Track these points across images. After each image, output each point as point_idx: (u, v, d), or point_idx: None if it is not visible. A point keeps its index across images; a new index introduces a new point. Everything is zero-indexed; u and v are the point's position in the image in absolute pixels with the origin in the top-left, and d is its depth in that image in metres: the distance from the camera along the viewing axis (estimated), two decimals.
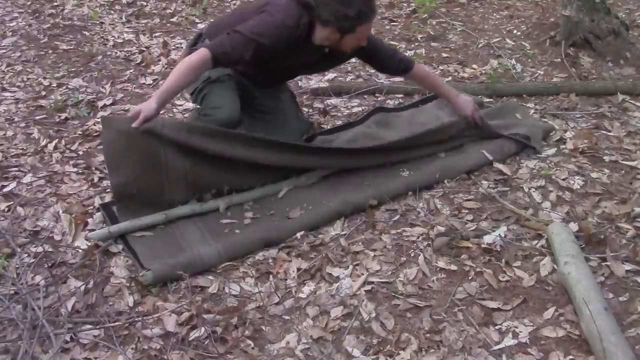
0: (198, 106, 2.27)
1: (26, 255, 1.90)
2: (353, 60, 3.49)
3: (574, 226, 1.99)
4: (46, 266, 1.80)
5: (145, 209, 2.03)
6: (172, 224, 2.03)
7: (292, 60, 2.18)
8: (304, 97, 3.00)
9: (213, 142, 2.03)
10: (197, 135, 2.01)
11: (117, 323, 1.62)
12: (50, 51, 3.63)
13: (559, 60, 3.45)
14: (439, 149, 2.44)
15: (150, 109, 1.91)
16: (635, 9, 4.36)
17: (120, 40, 3.84)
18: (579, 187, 2.26)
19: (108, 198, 2.17)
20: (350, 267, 1.86)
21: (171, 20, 4.24)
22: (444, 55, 3.58)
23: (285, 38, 2.03)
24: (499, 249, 1.93)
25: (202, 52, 1.96)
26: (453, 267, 1.86)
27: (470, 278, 1.82)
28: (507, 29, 4.04)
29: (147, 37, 3.88)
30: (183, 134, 1.99)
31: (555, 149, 2.52)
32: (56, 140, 2.60)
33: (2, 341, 1.56)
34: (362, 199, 2.12)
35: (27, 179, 2.32)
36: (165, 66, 3.38)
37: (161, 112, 2.03)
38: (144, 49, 3.67)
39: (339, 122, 2.73)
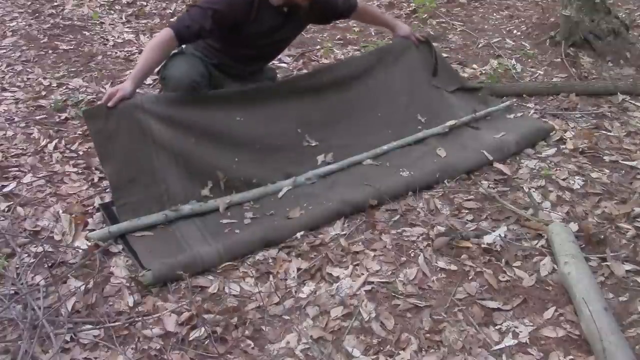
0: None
1: (26, 255, 1.90)
2: None
3: (574, 226, 1.99)
4: (46, 266, 1.80)
5: (144, 205, 2.03)
6: (172, 224, 2.03)
7: (256, 28, 2.22)
8: None
9: (191, 107, 2.19)
10: (175, 105, 2.17)
11: (117, 323, 1.62)
12: (50, 51, 3.63)
13: (559, 60, 3.45)
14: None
15: (125, 89, 2.03)
16: (635, 9, 4.37)
17: (120, 40, 3.84)
18: (579, 187, 2.26)
19: (108, 198, 2.17)
20: (350, 267, 1.86)
21: (171, 20, 4.24)
22: (444, 55, 3.57)
23: (238, 9, 2.15)
24: (499, 249, 1.93)
25: (164, 30, 2.12)
26: (453, 267, 1.86)
27: (470, 278, 1.82)
28: (507, 29, 4.04)
29: (147, 37, 3.88)
30: (162, 105, 2.13)
31: (555, 149, 2.52)
32: (56, 140, 2.60)
33: (2, 341, 1.56)
34: (362, 199, 2.12)
35: (27, 179, 2.32)
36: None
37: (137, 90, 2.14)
38: (144, 49, 3.66)
39: None
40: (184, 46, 2.33)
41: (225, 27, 2.17)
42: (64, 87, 3.14)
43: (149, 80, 3.23)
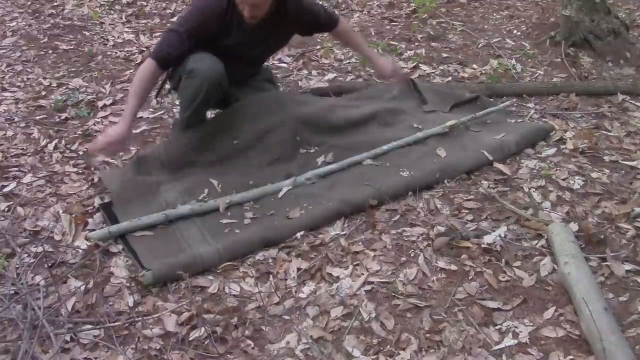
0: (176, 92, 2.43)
1: (26, 255, 1.90)
2: (353, 60, 3.52)
3: (574, 226, 1.99)
4: (46, 266, 1.80)
5: (143, 212, 2.07)
6: (172, 224, 2.04)
7: (232, 40, 2.22)
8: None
9: (190, 138, 2.32)
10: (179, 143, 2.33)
11: (117, 323, 1.62)
12: (50, 51, 3.63)
13: (559, 60, 3.45)
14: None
15: (121, 133, 2.05)
16: (635, 9, 4.37)
17: (120, 40, 3.84)
18: (579, 187, 2.26)
19: (108, 198, 2.17)
20: (350, 267, 1.86)
21: (171, 20, 4.24)
22: (444, 55, 3.58)
23: (213, 15, 2.14)
24: (499, 249, 1.93)
25: (147, 62, 2.14)
26: (453, 267, 1.86)
27: (470, 278, 1.82)
28: (507, 29, 4.04)
29: (147, 37, 3.88)
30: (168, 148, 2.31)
31: (555, 149, 2.52)
32: (56, 140, 2.60)
33: (2, 341, 1.56)
34: (362, 199, 2.12)
35: (27, 179, 2.32)
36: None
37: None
38: (144, 49, 3.67)
39: None
40: None
41: (204, 41, 2.18)
42: (64, 87, 3.14)
43: None
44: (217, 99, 2.34)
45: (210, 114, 2.50)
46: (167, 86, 2.54)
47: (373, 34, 3.99)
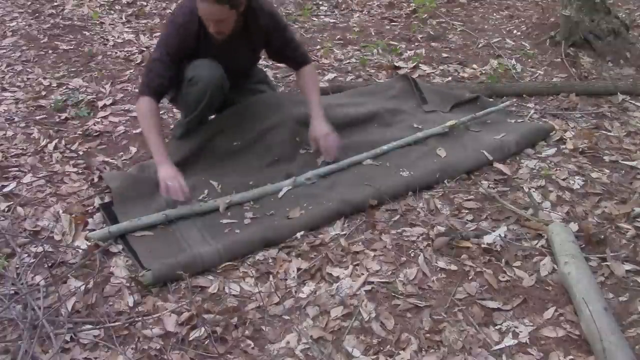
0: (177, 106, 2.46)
1: (26, 255, 1.90)
2: (353, 60, 3.52)
3: (574, 226, 1.99)
4: (46, 266, 1.80)
5: (142, 207, 2.09)
6: (172, 224, 2.04)
7: (210, 52, 2.20)
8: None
9: (193, 142, 2.35)
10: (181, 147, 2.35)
11: (117, 323, 1.62)
12: (50, 51, 3.63)
13: (559, 60, 3.46)
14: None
15: (172, 172, 2.03)
16: (635, 9, 4.37)
17: (120, 40, 3.84)
18: (579, 187, 2.26)
19: (108, 198, 2.17)
20: (350, 267, 1.86)
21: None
22: (444, 55, 3.58)
23: (190, 33, 2.12)
24: (499, 249, 1.93)
25: (141, 100, 2.12)
26: (453, 267, 1.86)
27: (470, 278, 1.82)
28: (507, 29, 4.04)
29: (147, 37, 3.88)
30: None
31: (555, 149, 2.52)
32: (56, 140, 2.60)
33: (2, 341, 1.56)
34: (362, 199, 2.12)
35: (27, 179, 2.32)
36: None
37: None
38: (144, 49, 3.67)
39: None
40: None
41: (186, 57, 2.18)
42: (64, 87, 3.15)
43: None
44: (220, 101, 2.35)
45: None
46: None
47: (373, 34, 3.99)
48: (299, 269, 1.85)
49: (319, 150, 2.27)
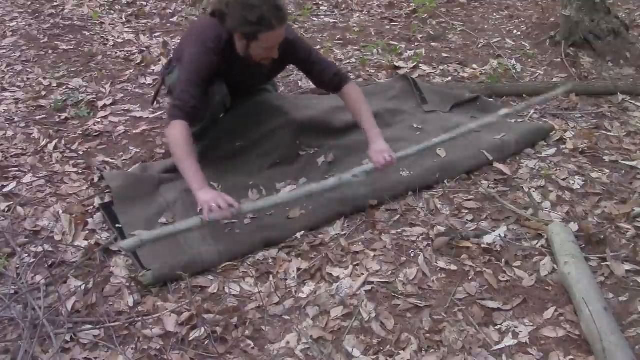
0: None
1: (26, 255, 1.90)
2: (353, 60, 3.52)
3: (574, 226, 1.99)
4: (46, 266, 1.80)
5: (142, 207, 2.10)
6: (172, 224, 2.03)
7: (237, 70, 2.16)
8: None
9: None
10: None
11: (117, 323, 1.62)
12: (50, 51, 3.63)
13: (559, 60, 3.46)
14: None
15: (214, 193, 1.86)
16: (635, 9, 4.37)
17: (120, 40, 3.84)
18: (579, 187, 2.26)
19: (108, 198, 2.17)
20: (350, 267, 1.86)
21: (171, 20, 4.25)
22: (444, 55, 3.58)
23: (219, 60, 2.06)
24: (499, 249, 1.93)
25: (176, 126, 1.96)
26: (453, 267, 1.86)
27: (470, 278, 1.82)
28: (507, 29, 4.04)
29: (147, 37, 3.88)
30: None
31: (555, 149, 2.52)
32: (56, 140, 2.60)
33: (3, 341, 1.56)
34: (362, 199, 2.12)
35: (27, 179, 2.32)
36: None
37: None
38: (144, 49, 3.67)
39: None
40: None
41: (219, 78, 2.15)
42: (64, 87, 3.14)
43: (149, 80, 3.24)
44: (220, 115, 2.37)
45: None
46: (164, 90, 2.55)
47: (373, 34, 3.99)
48: (299, 269, 1.85)
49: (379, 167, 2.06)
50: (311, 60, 2.23)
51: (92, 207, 2.15)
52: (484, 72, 3.31)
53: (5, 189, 2.24)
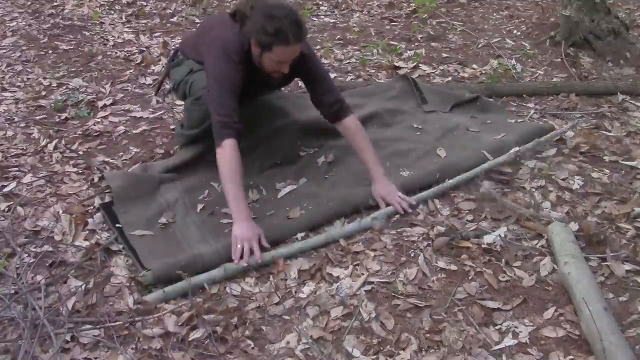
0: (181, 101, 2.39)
1: (26, 255, 1.90)
2: (353, 60, 3.52)
3: (574, 226, 1.99)
4: (46, 266, 1.80)
5: (142, 207, 2.10)
6: (172, 224, 2.04)
7: (253, 78, 2.11)
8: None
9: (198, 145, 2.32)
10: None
11: (117, 323, 1.62)
12: (50, 51, 3.63)
13: (559, 60, 3.46)
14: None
15: (249, 233, 1.86)
16: (635, 9, 4.37)
17: (120, 40, 3.84)
18: (579, 187, 2.26)
19: (108, 198, 2.17)
20: (350, 267, 1.86)
21: (171, 20, 4.25)
22: (444, 55, 3.58)
23: (242, 73, 2.01)
24: (499, 249, 1.93)
25: (227, 146, 1.92)
26: (453, 267, 1.86)
27: (470, 278, 1.82)
28: (507, 29, 4.04)
29: (147, 37, 3.88)
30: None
31: (555, 149, 2.51)
32: (56, 140, 2.60)
33: (3, 341, 1.56)
34: (362, 199, 2.12)
35: (27, 179, 2.32)
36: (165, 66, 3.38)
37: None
38: (144, 49, 3.67)
39: None
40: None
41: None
42: (64, 87, 3.14)
43: (149, 80, 3.24)
44: None
45: None
46: (167, 85, 2.55)
47: (373, 34, 3.99)
48: (299, 269, 1.85)
49: (389, 205, 2.09)
50: (318, 76, 2.17)
51: (92, 207, 2.15)
52: (484, 72, 3.31)
53: (5, 189, 2.24)
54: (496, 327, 1.65)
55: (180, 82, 2.31)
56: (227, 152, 1.92)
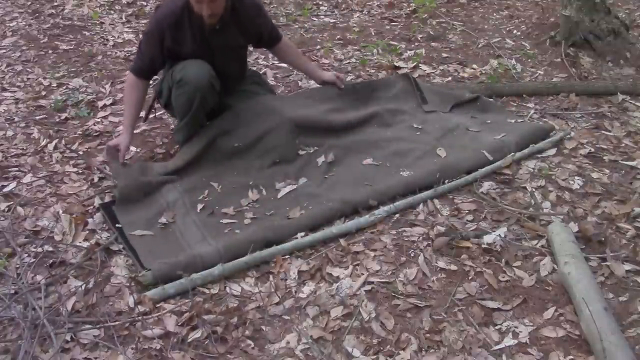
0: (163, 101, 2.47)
1: (26, 255, 1.90)
2: (353, 60, 3.52)
3: (574, 226, 1.99)
4: (46, 266, 1.80)
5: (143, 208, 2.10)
6: (172, 224, 2.04)
7: (195, 45, 2.25)
8: None
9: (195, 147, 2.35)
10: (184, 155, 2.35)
11: (117, 323, 1.62)
12: (50, 51, 3.64)
13: (559, 60, 3.46)
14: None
15: (122, 141, 2.28)
16: (635, 9, 4.37)
17: (120, 40, 3.85)
18: (579, 187, 2.26)
19: (108, 198, 2.17)
20: (350, 267, 1.86)
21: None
22: (444, 55, 3.58)
23: (166, 21, 2.21)
24: (499, 249, 1.93)
25: (128, 76, 2.36)
26: (453, 267, 1.86)
27: (470, 278, 1.82)
28: (507, 29, 4.04)
29: None
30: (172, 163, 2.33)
31: (555, 149, 2.52)
32: (56, 140, 2.60)
33: (3, 341, 1.56)
34: (362, 199, 2.12)
35: (27, 179, 2.32)
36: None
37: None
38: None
39: None
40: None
41: (168, 52, 2.26)
42: (64, 87, 3.15)
43: None
44: (214, 101, 2.35)
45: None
46: (157, 105, 2.58)
47: (373, 34, 3.99)
48: (299, 269, 1.85)
49: (335, 84, 2.65)
50: (264, 19, 2.44)
51: (92, 207, 2.15)
52: (484, 72, 3.31)
53: (5, 189, 2.24)
54: (496, 327, 1.65)
55: (162, 82, 2.38)
56: (126, 82, 2.38)
